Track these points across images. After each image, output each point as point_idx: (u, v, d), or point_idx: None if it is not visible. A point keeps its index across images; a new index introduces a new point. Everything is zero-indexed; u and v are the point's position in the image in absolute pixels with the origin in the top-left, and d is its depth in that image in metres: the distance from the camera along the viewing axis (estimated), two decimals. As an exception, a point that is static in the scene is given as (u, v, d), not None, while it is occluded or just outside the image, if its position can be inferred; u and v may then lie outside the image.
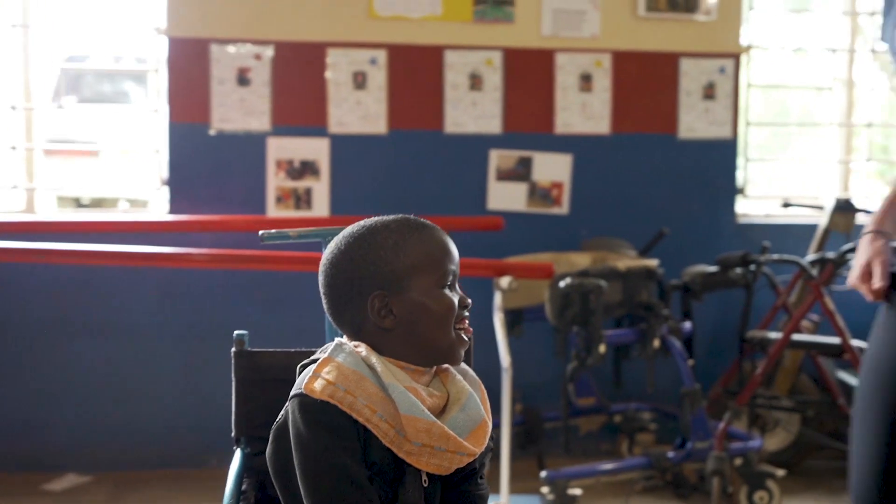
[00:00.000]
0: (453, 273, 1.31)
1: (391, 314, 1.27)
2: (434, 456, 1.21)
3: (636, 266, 3.24)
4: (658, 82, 3.96)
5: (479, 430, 1.26)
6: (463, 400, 1.27)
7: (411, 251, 1.28)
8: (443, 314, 1.27)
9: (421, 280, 1.27)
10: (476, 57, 3.84)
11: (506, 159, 3.88)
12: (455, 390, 1.29)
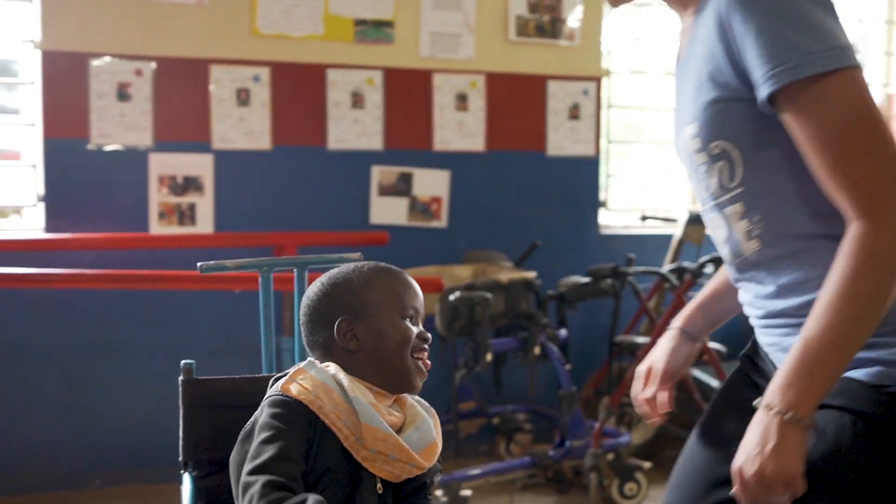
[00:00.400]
0: (415, 309, 1.47)
1: (355, 338, 1.43)
2: (387, 463, 1.35)
3: (517, 278, 3.47)
4: (528, 103, 4.21)
5: (429, 448, 1.42)
6: (418, 422, 1.43)
7: (378, 286, 1.46)
8: (401, 341, 1.42)
9: (384, 310, 1.43)
10: (357, 76, 3.96)
11: (387, 175, 4.03)
12: (411, 414, 1.44)
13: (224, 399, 1.67)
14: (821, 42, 1.08)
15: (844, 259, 1.07)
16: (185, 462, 1.67)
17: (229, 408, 1.67)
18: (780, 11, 1.11)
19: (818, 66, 1.07)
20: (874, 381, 1.12)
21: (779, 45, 1.09)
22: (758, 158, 1.18)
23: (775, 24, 1.10)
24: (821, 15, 1.11)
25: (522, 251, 3.97)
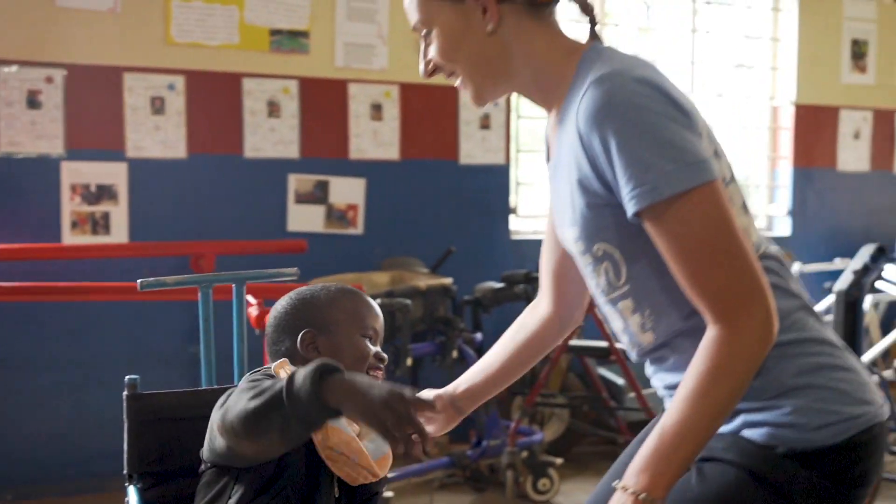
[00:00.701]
0: (374, 329, 1.55)
1: (316, 350, 1.51)
2: (348, 465, 1.43)
3: (434, 284, 3.58)
4: (441, 113, 4.33)
5: (384, 459, 1.51)
6: (372, 434, 1.51)
7: (342, 305, 1.54)
8: (358, 357, 1.51)
9: (346, 328, 1.52)
10: (273, 85, 4.00)
11: (303, 183, 4.08)
12: (366, 427, 1.52)
13: (168, 412, 1.72)
14: (676, 160, 1.12)
15: (703, 358, 1.15)
16: (129, 475, 1.72)
17: (173, 420, 1.72)
18: (634, 130, 1.14)
19: (675, 187, 1.12)
20: (764, 442, 1.22)
21: (636, 166, 1.13)
22: (638, 258, 1.24)
23: (631, 144, 1.14)
24: (675, 128, 1.14)
25: (437, 257, 4.08)
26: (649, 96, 1.16)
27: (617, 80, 1.17)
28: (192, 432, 1.70)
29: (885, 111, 5.36)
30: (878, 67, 5.31)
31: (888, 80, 5.35)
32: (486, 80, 1.34)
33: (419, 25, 1.34)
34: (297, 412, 1.18)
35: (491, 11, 1.29)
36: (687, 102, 1.21)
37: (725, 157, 1.28)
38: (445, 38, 1.32)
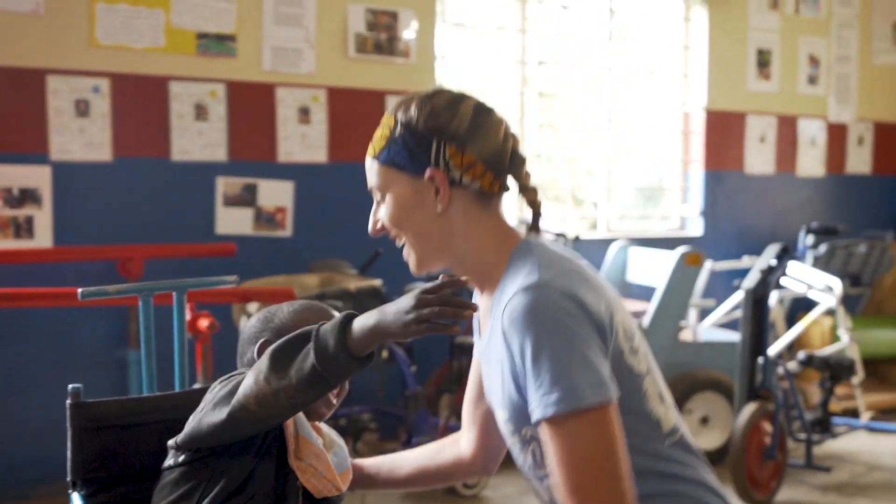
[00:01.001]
0: None
1: None
2: (315, 477, 1.49)
3: (364, 286, 3.65)
4: (368, 116, 4.37)
5: (346, 473, 1.57)
6: (335, 448, 1.58)
7: (302, 316, 1.58)
8: None
9: None
10: (200, 88, 4.01)
11: (232, 186, 4.10)
12: (328, 439, 1.59)
13: (112, 420, 1.76)
14: (581, 379, 1.20)
15: None
16: (73, 481, 1.75)
17: (117, 428, 1.75)
18: (548, 344, 1.21)
19: (574, 404, 1.20)
20: None
21: (543, 377, 1.21)
22: None
23: (543, 356, 1.21)
24: (586, 347, 1.22)
25: (365, 259, 4.15)
26: (569, 312, 1.24)
27: (542, 291, 1.25)
28: (137, 439, 1.75)
29: (788, 117, 5.65)
30: (782, 75, 5.59)
31: (790, 87, 5.64)
32: (427, 253, 1.41)
33: (375, 189, 1.43)
34: (325, 365, 1.24)
35: (443, 193, 1.36)
36: (604, 315, 1.28)
37: (643, 348, 1.37)
38: (397, 208, 1.40)
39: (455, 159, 1.36)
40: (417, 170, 1.37)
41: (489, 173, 1.37)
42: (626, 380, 1.30)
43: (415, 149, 1.37)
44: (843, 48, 5.82)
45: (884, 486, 4.03)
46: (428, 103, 1.38)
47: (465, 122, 1.38)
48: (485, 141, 1.38)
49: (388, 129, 1.41)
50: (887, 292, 5.76)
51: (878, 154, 6.05)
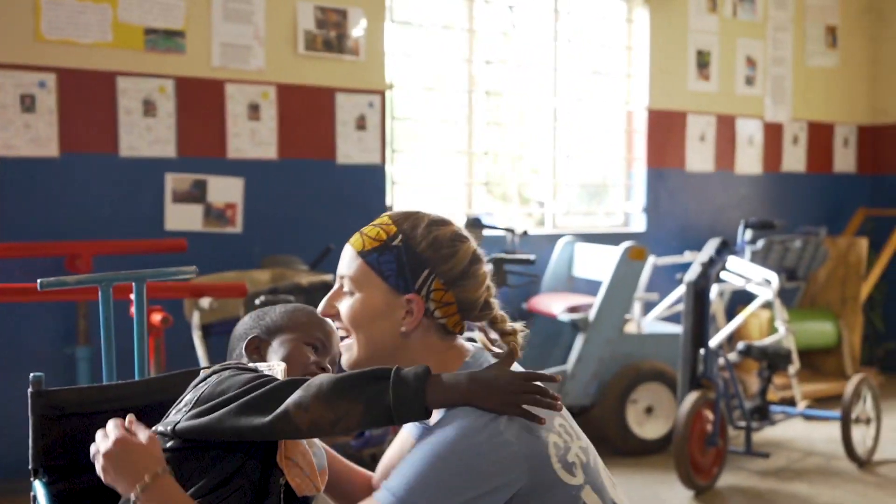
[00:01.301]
0: (320, 340, 1.60)
1: (258, 353, 1.60)
2: (299, 476, 1.50)
3: (316, 281, 3.68)
4: (318, 113, 4.43)
5: (323, 473, 1.58)
6: (314, 448, 1.59)
7: (291, 316, 1.62)
8: (296, 362, 1.56)
9: (289, 334, 1.59)
10: (149, 84, 4.00)
11: (181, 182, 4.09)
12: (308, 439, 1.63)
13: (74, 408, 1.77)
14: (417, 498, 1.28)
15: None
16: (34, 469, 1.76)
17: (78, 416, 1.77)
18: (428, 464, 1.30)
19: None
20: None
21: (397, 473, 1.31)
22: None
23: (415, 461, 1.30)
24: (446, 472, 1.28)
25: (316, 255, 4.18)
26: (471, 471, 1.30)
27: (468, 441, 1.31)
28: (99, 427, 1.76)
29: (727, 116, 5.83)
30: (720, 76, 5.76)
31: (729, 88, 5.81)
32: (369, 358, 1.46)
33: (348, 280, 1.46)
34: (399, 398, 1.29)
35: (415, 319, 1.42)
36: (520, 461, 1.33)
37: (582, 460, 1.41)
38: (363, 311, 1.44)
39: (437, 294, 1.43)
40: (399, 287, 1.42)
41: (458, 316, 1.45)
42: (561, 493, 1.35)
43: (406, 269, 1.43)
44: (778, 50, 6.02)
45: (820, 470, 4.19)
46: (434, 231, 1.44)
47: (460, 265, 1.44)
48: (469, 289, 1.44)
49: (385, 235, 1.45)
50: (821, 286, 5.98)
51: (812, 153, 6.26)
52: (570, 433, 1.43)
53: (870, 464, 4.26)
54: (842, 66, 6.34)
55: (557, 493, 1.35)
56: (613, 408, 4.33)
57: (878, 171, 6.52)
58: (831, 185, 6.36)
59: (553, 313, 4.53)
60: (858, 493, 3.86)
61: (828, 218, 6.29)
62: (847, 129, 6.43)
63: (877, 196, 6.51)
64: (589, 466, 1.42)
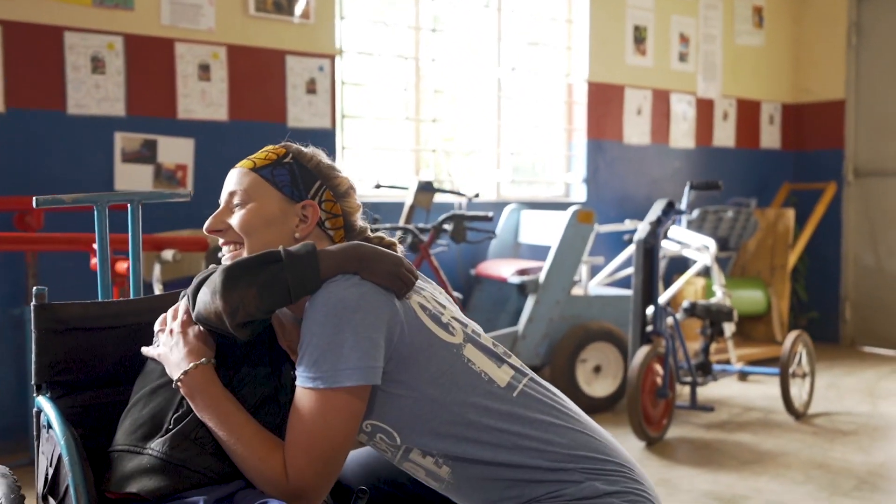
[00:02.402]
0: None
1: None
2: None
3: (276, 238, 3.66)
4: (268, 76, 4.39)
5: None
6: None
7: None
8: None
9: None
10: (97, 40, 3.90)
11: (130, 142, 4.01)
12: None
13: (75, 323, 1.75)
14: (315, 366, 1.37)
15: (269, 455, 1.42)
16: (38, 385, 1.73)
17: (80, 331, 1.75)
18: (318, 324, 1.37)
19: (316, 383, 1.37)
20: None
21: (305, 353, 1.38)
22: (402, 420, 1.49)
23: (313, 336, 1.37)
24: (348, 335, 1.36)
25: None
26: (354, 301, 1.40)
27: (329, 288, 1.41)
28: (101, 343, 1.75)
29: (662, 91, 6.00)
30: (656, 52, 5.94)
31: (664, 63, 5.99)
32: None
33: (239, 193, 1.54)
34: (293, 272, 1.36)
35: (309, 224, 1.53)
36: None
37: (459, 323, 1.52)
38: (257, 218, 1.52)
39: (327, 205, 1.55)
40: (294, 196, 1.53)
41: (342, 231, 1.57)
42: (441, 349, 1.45)
43: (299, 179, 1.54)
44: (709, 28, 6.23)
45: (760, 423, 4.38)
46: (317, 157, 1.59)
47: (344, 185, 1.59)
48: (352, 208, 1.59)
49: (275, 155, 1.57)
50: (751, 255, 6.22)
51: (741, 129, 6.50)
52: (443, 304, 1.54)
53: (805, 416, 4.47)
54: (767, 45, 6.61)
55: (437, 348, 1.44)
56: (563, 367, 4.42)
57: (801, 147, 6.82)
58: (758, 160, 6.62)
59: (503, 277, 4.60)
60: (798, 441, 4.05)
61: (755, 191, 6.55)
62: (772, 106, 6.70)
63: (799, 171, 6.80)
64: (467, 330, 1.52)
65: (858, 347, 6.52)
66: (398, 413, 1.44)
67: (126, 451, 1.53)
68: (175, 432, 1.49)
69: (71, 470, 1.53)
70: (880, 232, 6.45)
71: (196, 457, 1.48)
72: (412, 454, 1.47)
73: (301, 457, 1.40)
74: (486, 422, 1.43)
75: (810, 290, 6.64)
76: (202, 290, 1.46)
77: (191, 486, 1.48)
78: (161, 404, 1.55)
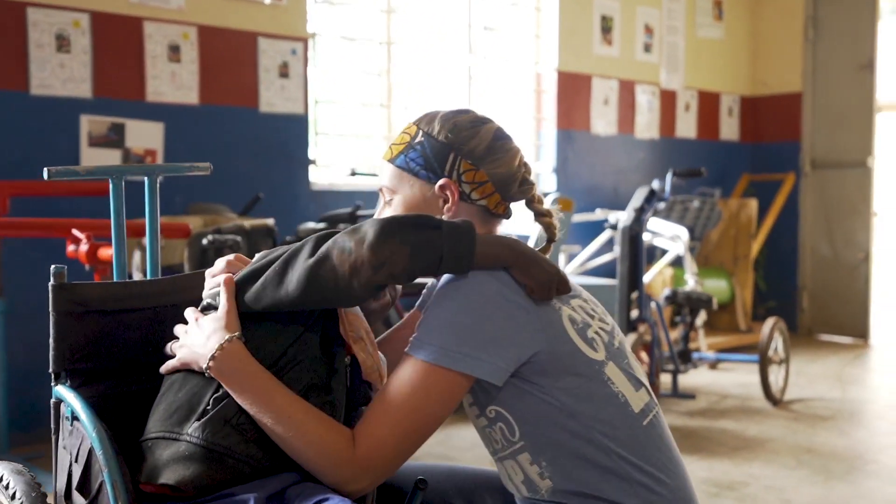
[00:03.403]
0: None
1: None
2: (364, 351, 1.45)
3: (258, 224, 3.51)
4: (240, 58, 4.22)
5: (382, 375, 1.52)
6: (377, 353, 1.53)
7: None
8: None
9: None
10: (62, 17, 3.69)
11: (97, 125, 3.81)
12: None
13: (95, 304, 1.60)
14: (441, 337, 1.29)
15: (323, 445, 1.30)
16: (56, 373, 1.58)
17: (101, 313, 1.60)
18: (460, 305, 1.29)
19: (421, 355, 1.29)
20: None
21: (421, 324, 1.32)
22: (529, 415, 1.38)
23: (450, 314, 1.30)
24: (471, 320, 1.28)
25: (239, 205, 4.00)
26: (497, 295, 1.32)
27: (474, 278, 1.32)
28: (123, 327, 1.61)
29: (627, 81, 6.00)
30: (622, 42, 5.93)
31: (629, 54, 5.99)
32: None
33: (385, 189, 1.47)
34: (451, 243, 1.27)
35: (452, 203, 1.41)
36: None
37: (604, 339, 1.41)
38: (403, 208, 1.44)
39: (468, 175, 1.42)
40: (430, 178, 1.42)
41: (497, 195, 1.43)
42: (582, 363, 1.35)
43: (432, 158, 1.43)
44: (672, 20, 6.25)
45: (740, 410, 4.39)
46: (452, 119, 1.44)
47: (483, 143, 1.43)
48: (499, 164, 1.43)
49: (408, 137, 1.46)
50: (714, 246, 6.26)
51: (701, 120, 6.55)
52: (592, 314, 1.44)
53: (782, 402, 4.50)
54: (727, 38, 6.66)
55: (579, 363, 1.35)
56: (544, 357, 4.36)
57: (759, 139, 6.90)
58: (718, 152, 6.67)
59: (481, 266, 4.51)
60: (782, 427, 4.06)
61: (715, 183, 6.60)
62: (731, 98, 6.77)
63: (758, 163, 6.88)
64: (612, 346, 1.42)
65: (816, 336, 6.63)
66: (526, 408, 1.34)
67: (161, 437, 1.39)
68: (213, 416, 1.36)
69: (106, 465, 1.38)
70: (836, 222, 6.57)
71: (239, 444, 1.35)
72: (521, 455, 1.38)
73: (385, 427, 1.30)
74: (608, 443, 1.34)
75: (768, 280, 6.73)
76: (339, 237, 1.31)
77: (233, 476, 1.35)
78: (199, 385, 1.41)
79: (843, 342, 6.41)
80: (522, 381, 1.33)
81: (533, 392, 1.33)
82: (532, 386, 1.33)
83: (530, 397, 1.34)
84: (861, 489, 3.24)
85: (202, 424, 1.35)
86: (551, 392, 1.33)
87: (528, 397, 1.34)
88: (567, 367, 1.34)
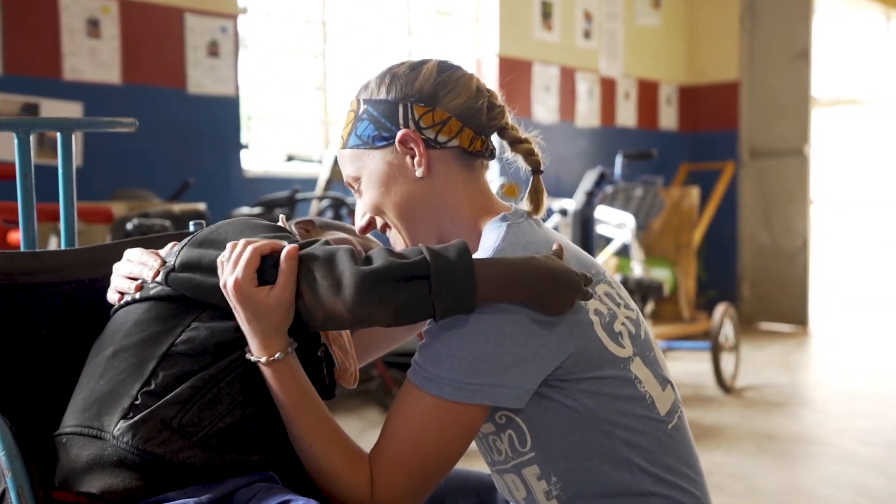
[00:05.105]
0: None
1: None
2: (341, 348, 1.30)
3: (189, 209, 3.26)
4: (166, 35, 3.95)
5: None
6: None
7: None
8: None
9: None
10: (-34, -15, 3.38)
11: (8, 104, 3.50)
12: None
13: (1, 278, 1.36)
14: (452, 371, 1.11)
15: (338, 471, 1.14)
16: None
17: (7, 288, 1.36)
18: (457, 329, 1.12)
19: (430, 389, 1.12)
20: None
21: (424, 350, 1.14)
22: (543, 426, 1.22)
23: (445, 336, 1.12)
24: (488, 344, 1.11)
25: (167, 192, 3.73)
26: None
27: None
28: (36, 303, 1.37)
29: (568, 68, 5.88)
30: (562, 28, 5.80)
31: (569, 40, 5.87)
32: (415, 231, 1.26)
33: (350, 179, 1.29)
34: (442, 296, 1.06)
35: (420, 154, 1.23)
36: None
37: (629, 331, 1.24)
38: (374, 186, 1.25)
39: (426, 118, 1.23)
40: (387, 139, 1.24)
41: (467, 129, 1.25)
42: (609, 367, 1.18)
43: (380, 119, 1.24)
44: (611, 6, 6.16)
45: (693, 398, 4.29)
46: (387, 73, 1.26)
47: (429, 80, 1.24)
48: (454, 94, 1.25)
49: (352, 115, 1.27)
50: (656, 235, 6.19)
51: (641, 109, 6.48)
52: (618, 301, 1.24)
53: (735, 389, 4.41)
54: (664, 26, 6.61)
55: (605, 362, 1.17)
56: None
57: (697, 128, 6.87)
58: (657, 141, 6.61)
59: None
60: (737, 414, 3.97)
61: (655, 172, 6.54)
62: (670, 87, 6.72)
63: (696, 152, 6.85)
64: (638, 338, 1.24)
65: (756, 324, 6.63)
66: (543, 413, 1.16)
67: (78, 433, 1.16)
68: (146, 417, 1.13)
69: (10, 468, 1.14)
70: (774, 211, 6.57)
71: (181, 451, 1.13)
72: (527, 469, 1.20)
73: (400, 470, 1.13)
74: (628, 454, 1.18)
75: (708, 269, 6.70)
76: (316, 271, 1.08)
77: (172, 486, 1.13)
78: (125, 372, 1.18)
79: (783, 330, 6.41)
80: (542, 386, 1.15)
81: (552, 396, 1.15)
82: (552, 390, 1.15)
83: (549, 402, 1.15)
84: (826, 474, 3.14)
85: (132, 426, 1.12)
86: (573, 394, 1.15)
87: (546, 402, 1.15)
88: (593, 366, 1.16)
